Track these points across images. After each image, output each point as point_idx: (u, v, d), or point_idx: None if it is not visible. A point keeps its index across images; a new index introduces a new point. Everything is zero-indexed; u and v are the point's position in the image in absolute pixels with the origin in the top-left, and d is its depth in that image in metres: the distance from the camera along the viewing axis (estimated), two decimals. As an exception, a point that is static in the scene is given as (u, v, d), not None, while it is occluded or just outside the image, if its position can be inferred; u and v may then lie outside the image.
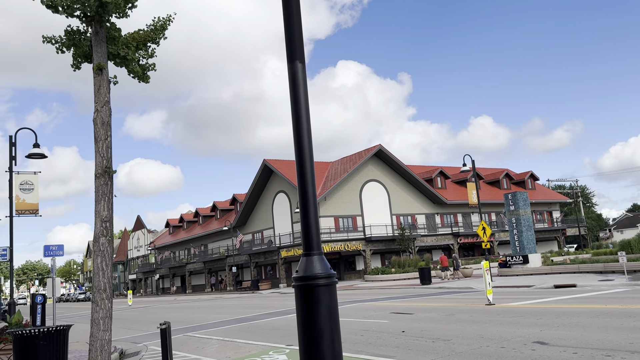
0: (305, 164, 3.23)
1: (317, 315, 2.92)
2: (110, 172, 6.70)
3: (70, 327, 8.16)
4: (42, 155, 18.04)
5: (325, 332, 2.91)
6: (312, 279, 3.02)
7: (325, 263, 3.17)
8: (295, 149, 3.28)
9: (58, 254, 14.92)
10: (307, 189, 3.28)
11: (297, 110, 3.24)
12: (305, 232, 3.29)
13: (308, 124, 3.23)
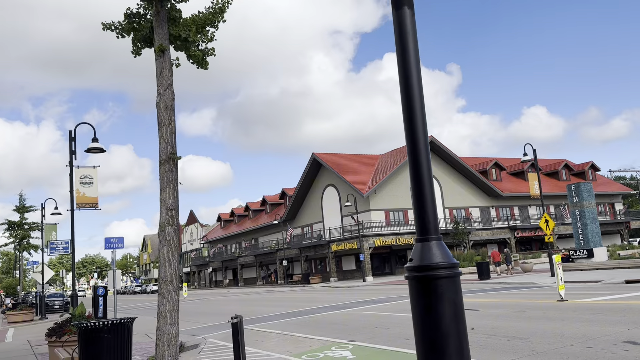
0: (416, 127, 2.70)
1: (440, 314, 2.39)
2: (175, 159, 6.38)
3: (134, 320, 7.97)
4: (101, 149, 18.23)
5: (451, 335, 2.37)
6: (431, 269, 2.49)
7: (446, 250, 2.63)
8: (404, 112, 2.75)
9: (118, 246, 15.04)
10: (420, 160, 2.74)
11: (405, 66, 2.71)
12: (419, 212, 2.75)
13: (419, 83, 2.69)
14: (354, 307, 20.05)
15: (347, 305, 21.18)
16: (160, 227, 6.26)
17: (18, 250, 46.66)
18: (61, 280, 72.90)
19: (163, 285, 6.10)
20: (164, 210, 6.27)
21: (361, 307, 19.71)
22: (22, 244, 45.74)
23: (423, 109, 2.73)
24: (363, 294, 27.29)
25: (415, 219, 2.80)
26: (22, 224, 45.74)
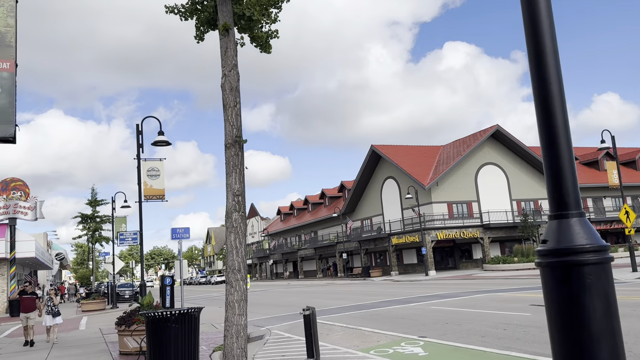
0: (548, 76, 2.17)
1: (588, 310, 1.85)
2: (241, 142, 6.07)
3: (201, 310, 7.81)
4: (167, 142, 18.49)
5: (604, 336, 1.84)
6: (575, 253, 1.94)
7: (592, 229, 2.07)
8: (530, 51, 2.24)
9: (184, 236, 15.19)
10: (553, 110, 2.20)
11: (531, 13, 2.19)
12: (555, 179, 2.20)
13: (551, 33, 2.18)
14: (419, 301, 19.38)
15: (412, 299, 20.54)
16: (227, 213, 5.99)
17: (91, 242, 49.01)
18: (131, 271, 76.24)
19: (231, 274, 5.82)
20: (230, 196, 5.98)
21: (427, 301, 19.02)
22: (94, 236, 47.99)
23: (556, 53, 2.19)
24: (427, 288, 26.47)
25: (548, 189, 2.25)
26: (95, 217, 47.97)
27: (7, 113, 12.37)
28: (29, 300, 14.61)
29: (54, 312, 14.43)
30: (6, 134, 12.37)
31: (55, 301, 14.67)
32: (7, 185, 35.00)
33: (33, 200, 34.56)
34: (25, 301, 14.54)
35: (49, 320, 14.41)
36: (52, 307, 14.45)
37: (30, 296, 14.75)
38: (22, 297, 14.68)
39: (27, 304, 14.50)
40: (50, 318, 14.37)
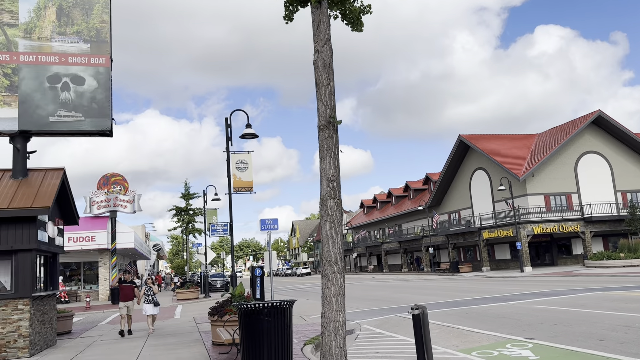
0: None
1: None
2: (335, 123, 5.57)
3: (293, 303, 7.47)
4: (254, 135, 18.54)
5: None
6: None
7: None
8: None
9: (273, 227, 15.12)
10: None
11: None
12: None
13: None
14: (518, 299, 18.04)
15: (510, 297, 19.20)
16: (321, 200, 5.52)
17: (185, 234, 51.29)
18: (222, 262, 79.27)
19: (327, 267, 5.35)
20: (324, 182, 5.51)
21: (528, 299, 17.64)
22: (188, 228, 50.18)
23: None
24: (525, 286, 24.77)
25: None
26: (188, 210, 50.12)
27: (103, 107, 12.83)
28: (128, 288, 14.71)
29: (154, 302, 14.58)
30: (103, 127, 12.83)
31: (155, 290, 14.75)
32: (108, 180, 37.31)
33: (131, 194, 36.55)
34: (124, 290, 14.65)
35: (149, 309, 14.55)
36: (151, 296, 14.57)
37: (129, 285, 14.84)
38: (122, 285, 14.78)
39: (126, 292, 14.60)
40: (151, 307, 14.53)
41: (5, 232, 11.14)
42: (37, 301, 11.83)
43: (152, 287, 14.69)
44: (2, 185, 11.81)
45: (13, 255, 11.21)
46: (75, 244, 35.53)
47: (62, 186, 13.10)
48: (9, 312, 11.02)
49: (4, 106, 12.12)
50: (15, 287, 11.12)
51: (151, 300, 14.56)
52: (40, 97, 12.40)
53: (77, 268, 38.79)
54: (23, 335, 11.04)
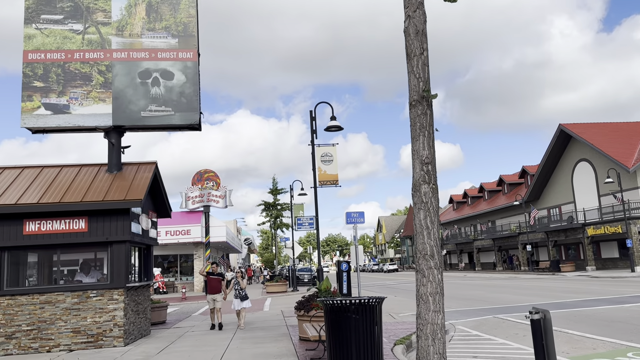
0: None
1: None
2: (429, 97, 4.89)
3: (383, 301, 6.88)
4: (339, 127, 18.12)
5: None
6: None
7: None
8: None
9: (359, 221, 14.60)
10: None
11: None
12: None
13: None
14: (634, 302, 16.13)
15: (623, 299, 17.25)
16: (414, 186, 4.88)
17: (273, 228, 52.25)
18: (309, 256, 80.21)
19: (422, 261, 4.70)
20: (417, 165, 4.86)
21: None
22: (276, 222, 51.05)
23: None
24: (638, 287, 22.29)
25: None
26: (276, 205, 50.97)
27: (192, 101, 12.95)
28: (216, 281, 14.14)
29: (242, 296, 13.87)
30: (192, 121, 12.96)
31: (243, 284, 13.96)
32: (202, 176, 38.73)
33: (223, 190, 37.66)
34: (211, 282, 14.12)
35: (237, 304, 13.93)
36: (239, 290, 13.91)
37: (216, 277, 14.23)
38: (209, 277, 14.28)
39: (214, 285, 14.08)
40: (239, 302, 13.87)
41: (102, 224, 11.54)
42: (132, 291, 12.18)
43: (240, 281, 14.03)
44: (98, 179, 12.29)
45: (108, 246, 11.59)
46: (172, 237, 37.34)
47: (155, 179, 13.43)
48: (105, 302, 11.41)
49: (99, 102, 12.61)
50: (111, 277, 11.49)
51: (239, 295, 13.99)
52: (132, 93, 12.77)
53: (174, 260, 40.78)
54: (118, 324, 11.38)
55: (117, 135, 12.94)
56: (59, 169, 12.74)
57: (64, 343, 11.18)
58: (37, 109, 12.39)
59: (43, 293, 11.26)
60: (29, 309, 11.16)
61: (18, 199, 11.26)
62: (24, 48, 12.48)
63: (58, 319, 11.21)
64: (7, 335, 11.04)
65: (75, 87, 12.58)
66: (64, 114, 12.49)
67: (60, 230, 11.39)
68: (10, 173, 12.37)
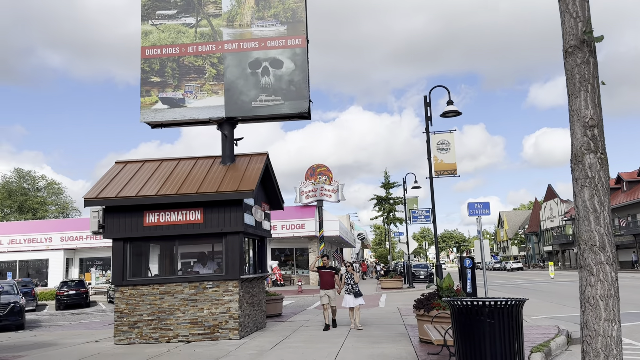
0: None
1: None
2: (592, 41, 3.74)
3: (524, 303, 5.75)
4: (457, 112, 16.86)
5: None
6: None
7: None
8: None
9: (483, 212, 13.25)
10: None
11: None
12: None
13: None
14: None
15: None
16: (574, 157, 3.77)
17: (386, 223, 51.27)
18: (424, 252, 78.02)
19: (589, 254, 3.60)
20: (578, 129, 3.74)
21: None
22: (389, 217, 50.01)
23: None
24: None
25: None
26: (388, 199, 49.94)
27: (301, 89, 12.52)
28: (328, 275, 12.90)
29: (355, 292, 12.50)
30: (301, 109, 12.53)
31: (356, 279, 12.67)
32: (314, 171, 38.93)
33: (335, 184, 37.53)
34: (323, 276, 12.88)
35: (350, 300, 12.51)
36: (352, 285, 12.57)
37: (328, 271, 12.96)
38: (321, 271, 12.96)
39: (326, 279, 12.81)
40: (352, 298, 12.47)
41: (216, 215, 11.51)
42: (246, 283, 12.05)
43: (354, 274, 12.68)
44: (213, 171, 12.32)
45: (223, 237, 11.53)
46: (288, 231, 38.06)
47: (266, 171, 13.23)
48: (220, 293, 11.36)
49: (212, 95, 12.65)
50: (226, 268, 11.42)
51: (351, 290, 12.59)
52: (243, 84, 12.64)
53: (290, 254, 41.59)
54: (233, 316, 11.28)
55: (230, 126, 12.91)
56: (177, 161, 13.01)
57: (182, 334, 11.32)
58: (155, 104, 12.73)
59: (162, 283, 11.50)
60: (150, 299, 11.45)
61: (138, 191, 11.60)
62: (142, 44, 12.89)
63: (176, 310, 11.38)
64: (130, 324, 11.42)
65: (190, 81, 12.74)
66: (180, 108, 12.70)
67: (177, 221, 11.55)
68: (131, 167, 12.86)
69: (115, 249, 11.61)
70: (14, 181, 66.68)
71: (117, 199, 11.44)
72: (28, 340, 13.27)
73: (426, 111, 18.57)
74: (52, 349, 11.23)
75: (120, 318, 11.46)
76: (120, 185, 11.90)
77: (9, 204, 66.19)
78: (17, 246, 39.38)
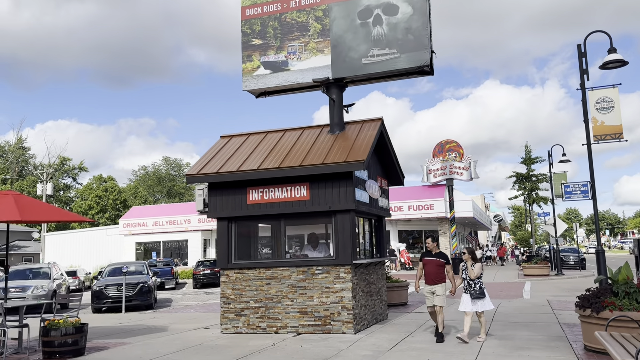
0: None
1: None
2: None
3: None
4: (622, 62, 13.55)
5: None
6: None
7: None
8: None
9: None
10: None
11: None
12: None
13: None
14: None
15: None
16: None
17: (528, 203, 46.43)
18: (571, 235, 70.23)
19: None
20: None
21: None
22: (530, 196, 45.16)
23: None
24: None
25: None
26: (530, 176, 45.06)
27: (420, 37, 10.37)
28: (433, 265, 9.01)
29: (474, 291, 8.72)
30: (421, 61, 10.37)
31: (472, 274, 8.76)
32: (443, 147, 36.01)
33: (467, 160, 34.38)
34: (428, 266, 9.07)
35: (466, 303, 8.79)
36: (469, 282, 8.82)
37: (434, 259, 9.05)
38: (424, 259, 9.18)
39: (431, 270, 9.01)
40: (468, 300, 8.77)
41: (323, 190, 9.98)
42: (361, 269, 10.40)
43: (469, 268, 8.82)
44: (320, 141, 10.78)
45: (332, 216, 9.97)
46: (415, 212, 35.79)
47: (381, 139, 11.38)
48: (331, 280, 9.85)
49: (317, 54, 11.04)
50: (336, 252, 9.87)
51: (469, 288, 8.81)
52: (352, 38, 10.85)
53: (419, 236, 39.28)
54: (346, 307, 9.70)
55: (338, 89, 11.22)
56: (282, 133, 11.69)
57: (291, 324, 10.03)
58: (257, 69, 11.47)
59: (269, 268, 10.28)
60: (256, 284, 10.31)
61: (240, 165, 10.46)
62: (242, 4, 11.67)
63: (284, 297, 10.11)
64: (237, 311, 10.40)
65: (293, 40, 11.27)
66: (283, 72, 11.30)
67: (282, 198, 10.22)
68: (236, 141, 11.81)
69: (220, 229, 10.63)
70: (162, 169, 72.61)
71: (218, 174, 10.42)
72: (144, 323, 13.04)
73: (580, 63, 15.20)
74: (158, 336, 10.63)
75: (227, 304, 10.49)
76: (222, 160, 10.88)
77: (159, 189, 72.33)
78: (160, 227, 42.15)
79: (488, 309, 8.86)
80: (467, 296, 8.84)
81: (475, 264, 8.88)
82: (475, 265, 8.87)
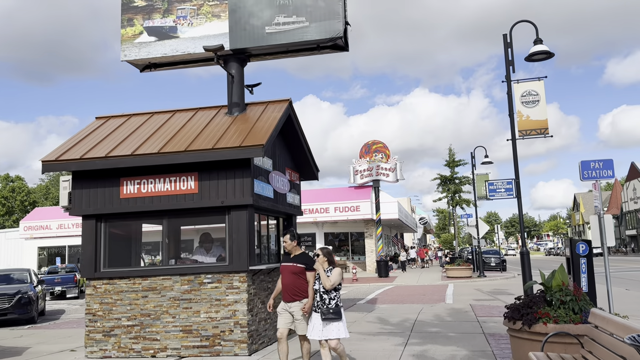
0: None
1: None
2: None
3: None
4: (548, 53, 12.93)
5: None
6: None
7: None
8: None
9: (605, 174, 9.10)
10: None
11: None
12: None
13: None
14: None
15: None
16: None
17: (451, 205, 46.75)
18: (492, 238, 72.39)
19: None
20: None
21: None
22: (454, 198, 45.46)
23: None
24: None
25: None
26: (453, 179, 45.35)
27: (332, 3, 8.87)
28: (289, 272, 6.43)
29: (325, 311, 6.00)
30: (333, 33, 8.88)
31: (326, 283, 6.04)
32: (370, 148, 35.18)
33: (393, 162, 33.74)
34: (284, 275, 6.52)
35: (315, 326, 6.12)
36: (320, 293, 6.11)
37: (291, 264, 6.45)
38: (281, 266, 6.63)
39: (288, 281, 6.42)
40: (318, 322, 6.08)
41: (215, 182, 8.23)
42: (261, 276, 8.73)
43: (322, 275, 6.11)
44: (214, 124, 9.02)
45: (226, 213, 8.24)
46: (341, 214, 34.59)
47: (289, 124, 9.79)
48: (222, 290, 8.11)
49: (212, 19, 9.29)
50: (230, 257, 8.15)
51: (320, 307, 6.09)
52: (254, 2, 9.20)
53: (345, 239, 38.16)
54: (240, 323, 8.00)
55: (238, 63, 9.51)
56: (171, 114, 9.81)
57: (171, 346, 8.17)
58: (139, 36, 9.54)
59: (146, 277, 8.37)
60: (130, 298, 8.37)
61: (110, 150, 8.48)
62: (122, -42, 9.73)
63: (164, 313, 8.24)
64: (105, 331, 8.39)
65: (183, 2, 9.45)
66: (171, 39, 9.45)
67: (164, 191, 8.36)
68: (113, 122, 9.80)
69: (85, 229, 8.59)
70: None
71: (82, 161, 8.38)
72: (2, 343, 10.64)
73: (506, 54, 14.40)
74: (3, 363, 8.42)
75: (93, 322, 8.47)
76: (91, 144, 8.84)
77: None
78: (66, 231, 38.35)
79: (342, 336, 6.02)
80: (317, 317, 6.06)
81: (332, 269, 6.20)
82: (332, 272, 6.15)
